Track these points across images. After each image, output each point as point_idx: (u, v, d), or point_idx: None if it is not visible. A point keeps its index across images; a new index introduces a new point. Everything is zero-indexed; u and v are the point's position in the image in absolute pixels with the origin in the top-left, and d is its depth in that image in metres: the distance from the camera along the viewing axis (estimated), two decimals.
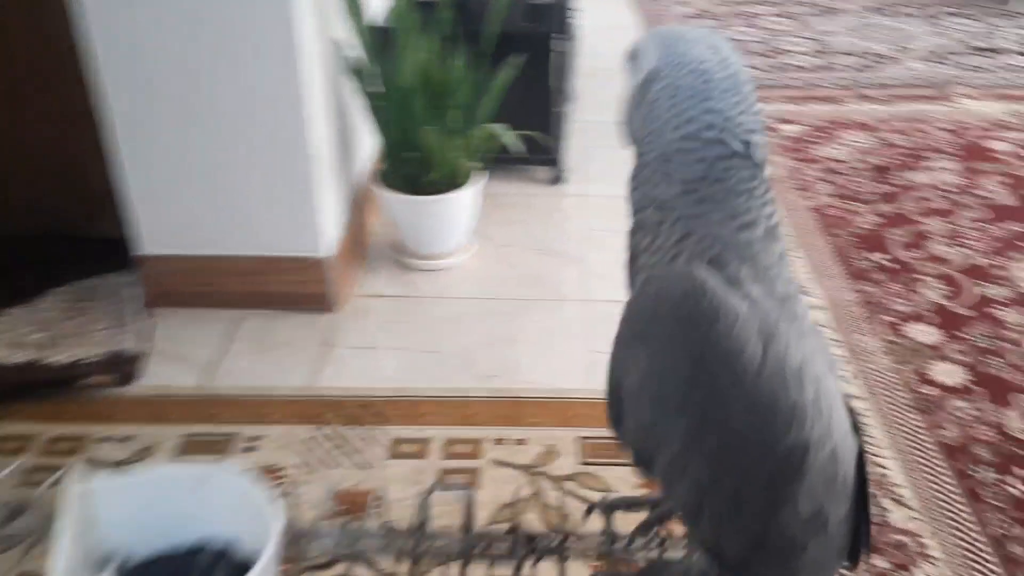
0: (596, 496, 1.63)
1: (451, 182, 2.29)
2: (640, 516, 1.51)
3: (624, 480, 1.67)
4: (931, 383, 1.94)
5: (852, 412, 1.01)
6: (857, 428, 1.00)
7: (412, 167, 2.29)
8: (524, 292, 2.29)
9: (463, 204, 2.32)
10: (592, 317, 2.18)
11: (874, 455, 1.73)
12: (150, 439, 1.79)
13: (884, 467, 1.70)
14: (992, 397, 1.89)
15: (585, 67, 3.52)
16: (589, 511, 1.55)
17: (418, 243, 2.36)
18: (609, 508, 1.48)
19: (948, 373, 1.97)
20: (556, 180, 2.81)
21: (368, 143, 2.61)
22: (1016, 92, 3.54)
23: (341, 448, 1.77)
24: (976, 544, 1.54)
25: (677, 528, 1.54)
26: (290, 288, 2.17)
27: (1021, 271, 2.36)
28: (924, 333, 2.11)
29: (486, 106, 2.27)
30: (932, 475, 1.69)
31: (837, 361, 1.09)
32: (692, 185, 0.92)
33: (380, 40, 2.21)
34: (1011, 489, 1.66)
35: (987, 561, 1.51)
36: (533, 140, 2.50)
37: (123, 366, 1.96)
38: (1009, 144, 3.06)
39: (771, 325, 0.88)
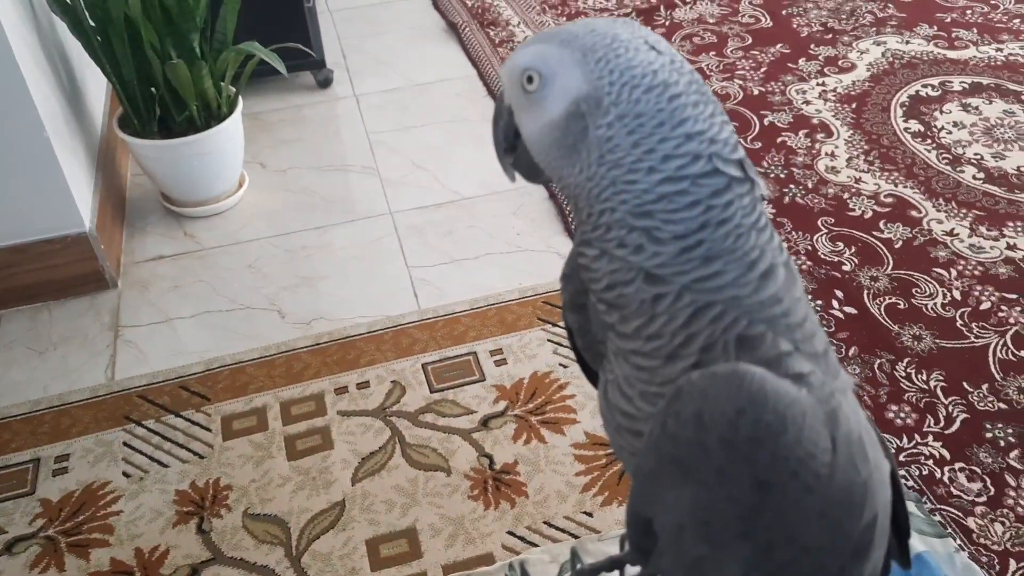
0: (461, 423, 1.56)
1: (208, 114, 2.02)
2: None
3: (481, 398, 1.60)
4: None
5: (879, 434, 0.87)
6: (886, 448, 0.87)
7: (160, 106, 2.00)
8: (319, 218, 2.11)
9: (227, 137, 2.06)
10: (402, 230, 2.04)
11: None
12: None
13: None
14: (797, 225, 1.96)
15: None
16: None
17: (186, 190, 2.09)
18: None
19: None
20: (325, 84, 2.57)
21: (99, 87, 2.26)
22: None
23: (166, 443, 1.57)
24: None
25: None
26: (54, 274, 1.87)
27: (796, 93, 2.44)
28: None
29: (227, 21, 1.99)
30: None
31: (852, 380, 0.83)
32: (691, 239, 0.70)
33: None
34: (834, 312, 1.74)
35: None
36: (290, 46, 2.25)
37: None
38: None
39: (832, 404, 0.71)
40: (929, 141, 2.20)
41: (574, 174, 0.73)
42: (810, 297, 1.77)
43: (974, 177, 2.06)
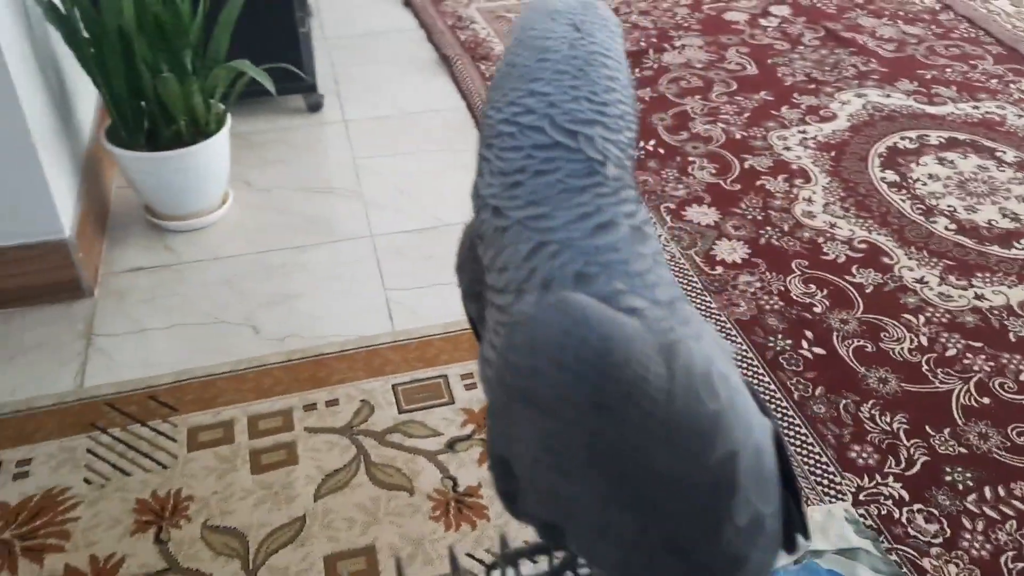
0: (428, 444, 1.56)
1: (196, 130, 2.04)
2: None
3: (450, 421, 1.61)
4: (719, 263, 2.00)
5: (756, 395, 0.88)
6: (766, 409, 0.87)
7: (148, 119, 2.02)
8: (299, 238, 2.12)
9: (214, 153, 2.08)
10: (382, 252, 2.06)
11: None
12: None
13: None
14: (771, 266, 1.99)
15: None
16: (492, 568, 1.29)
17: (169, 204, 2.10)
18: (513, 560, 1.22)
19: (730, 250, 2.04)
20: (314, 108, 2.60)
21: (89, 97, 2.28)
22: None
23: (131, 452, 1.57)
24: (784, 413, 1.63)
25: None
26: (28, 280, 1.87)
27: (776, 139, 2.48)
28: (703, 215, 2.17)
29: (221, 40, 2.02)
30: (735, 353, 1.75)
31: (730, 347, 0.93)
32: (511, 178, 0.78)
33: None
34: (803, 352, 1.76)
35: (795, 427, 1.60)
36: (282, 68, 2.28)
37: None
38: (744, 13, 3.18)
39: (667, 335, 0.74)
40: (904, 191, 2.24)
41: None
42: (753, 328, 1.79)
43: (946, 228, 2.10)
